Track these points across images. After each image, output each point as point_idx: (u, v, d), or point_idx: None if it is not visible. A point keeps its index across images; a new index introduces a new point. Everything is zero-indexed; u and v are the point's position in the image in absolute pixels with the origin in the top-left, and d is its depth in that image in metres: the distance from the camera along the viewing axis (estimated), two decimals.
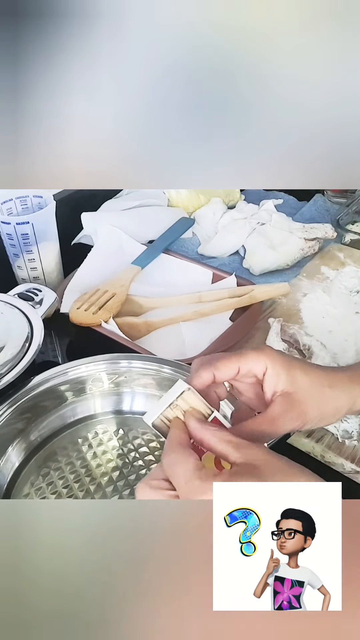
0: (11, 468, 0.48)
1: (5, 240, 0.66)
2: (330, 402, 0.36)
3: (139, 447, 0.50)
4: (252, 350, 0.35)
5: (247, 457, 0.30)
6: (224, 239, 0.79)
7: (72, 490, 0.46)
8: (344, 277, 0.71)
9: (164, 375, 0.51)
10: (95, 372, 0.52)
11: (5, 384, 0.47)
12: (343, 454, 0.49)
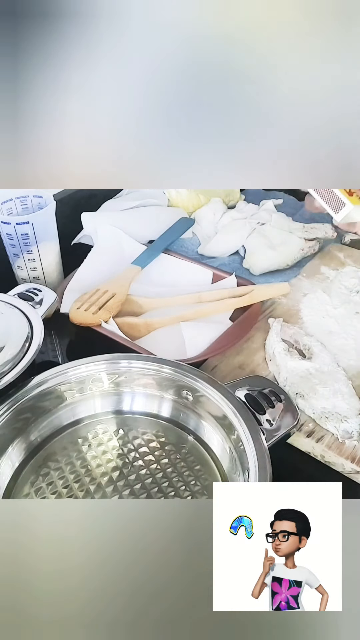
0: (11, 468, 0.48)
1: (5, 240, 0.66)
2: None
3: (139, 447, 0.50)
4: None
5: None
6: (224, 239, 0.79)
7: (72, 490, 0.46)
8: (344, 277, 0.71)
9: (164, 375, 0.51)
10: (95, 372, 0.52)
11: (5, 384, 0.47)
12: (343, 454, 0.49)
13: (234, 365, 0.60)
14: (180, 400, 0.52)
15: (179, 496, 0.45)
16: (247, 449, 0.43)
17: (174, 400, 0.52)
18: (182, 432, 0.51)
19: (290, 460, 0.50)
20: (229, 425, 0.46)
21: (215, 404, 0.48)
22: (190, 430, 0.51)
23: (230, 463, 0.46)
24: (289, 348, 0.60)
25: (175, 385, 0.51)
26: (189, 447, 0.50)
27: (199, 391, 0.49)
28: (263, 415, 0.46)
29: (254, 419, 0.45)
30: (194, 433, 0.51)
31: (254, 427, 0.44)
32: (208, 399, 0.48)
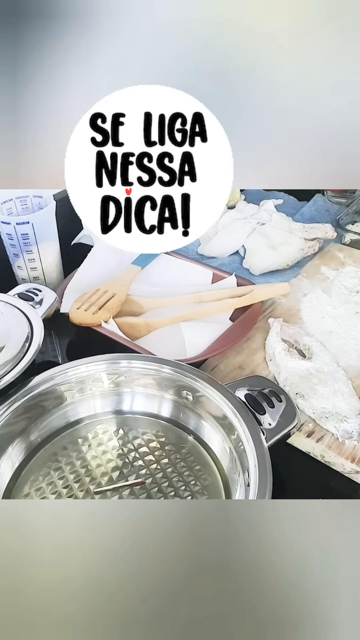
0: (11, 468, 0.48)
1: (5, 240, 0.66)
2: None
3: (139, 447, 0.50)
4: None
5: None
6: (224, 239, 0.79)
7: (72, 490, 0.46)
8: (344, 277, 0.71)
9: (164, 375, 0.51)
10: (95, 372, 0.52)
11: (5, 384, 0.47)
12: (343, 454, 0.49)
13: (234, 365, 0.60)
14: (180, 400, 0.52)
15: (179, 496, 0.45)
16: (247, 449, 0.43)
17: (174, 400, 0.52)
18: (182, 432, 0.51)
19: (290, 460, 0.50)
20: (229, 425, 0.46)
21: (215, 404, 0.48)
22: (190, 430, 0.51)
23: (230, 463, 0.46)
24: (289, 348, 0.60)
25: (175, 385, 0.51)
26: (189, 447, 0.50)
27: (199, 391, 0.49)
28: (263, 415, 0.46)
29: (254, 419, 0.45)
30: (194, 433, 0.51)
31: (254, 427, 0.44)
32: (208, 399, 0.48)
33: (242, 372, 0.59)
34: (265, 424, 0.45)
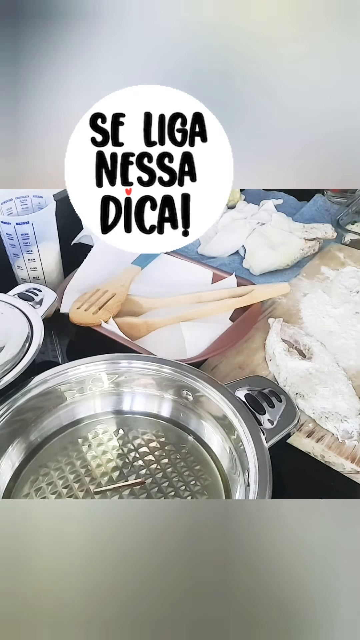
0: (11, 468, 0.48)
1: (5, 240, 0.66)
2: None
3: (139, 447, 0.50)
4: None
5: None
6: (224, 239, 0.79)
7: (72, 490, 0.46)
8: (344, 277, 0.71)
9: (164, 375, 0.51)
10: (95, 372, 0.52)
11: (5, 384, 0.47)
12: (343, 454, 0.49)
13: (234, 365, 0.60)
14: (180, 400, 0.52)
15: (179, 496, 0.45)
16: (247, 449, 0.43)
17: (174, 400, 0.52)
18: (182, 432, 0.51)
19: (290, 460, 0.50)
20: (229, 425, 0.46)
21: (215, 404, 0.48)
22: (190, 430, 0.51)
23: (230, 463, 0.46)
24: (289, 348, 0.60)
25: (175, 385, 0.51)
26: (189, 447, 0.50)
27: (199, 391, 0.49)
28: (263, 415, 0.46)
29: (254, 419, 0.45)
30: (194, 433, 0.51)
31: (254, 427, 0.44)
32: (208, 399, 0.48)
33: (242, 372, 0.59)
34: (265, 424, 0.45)
